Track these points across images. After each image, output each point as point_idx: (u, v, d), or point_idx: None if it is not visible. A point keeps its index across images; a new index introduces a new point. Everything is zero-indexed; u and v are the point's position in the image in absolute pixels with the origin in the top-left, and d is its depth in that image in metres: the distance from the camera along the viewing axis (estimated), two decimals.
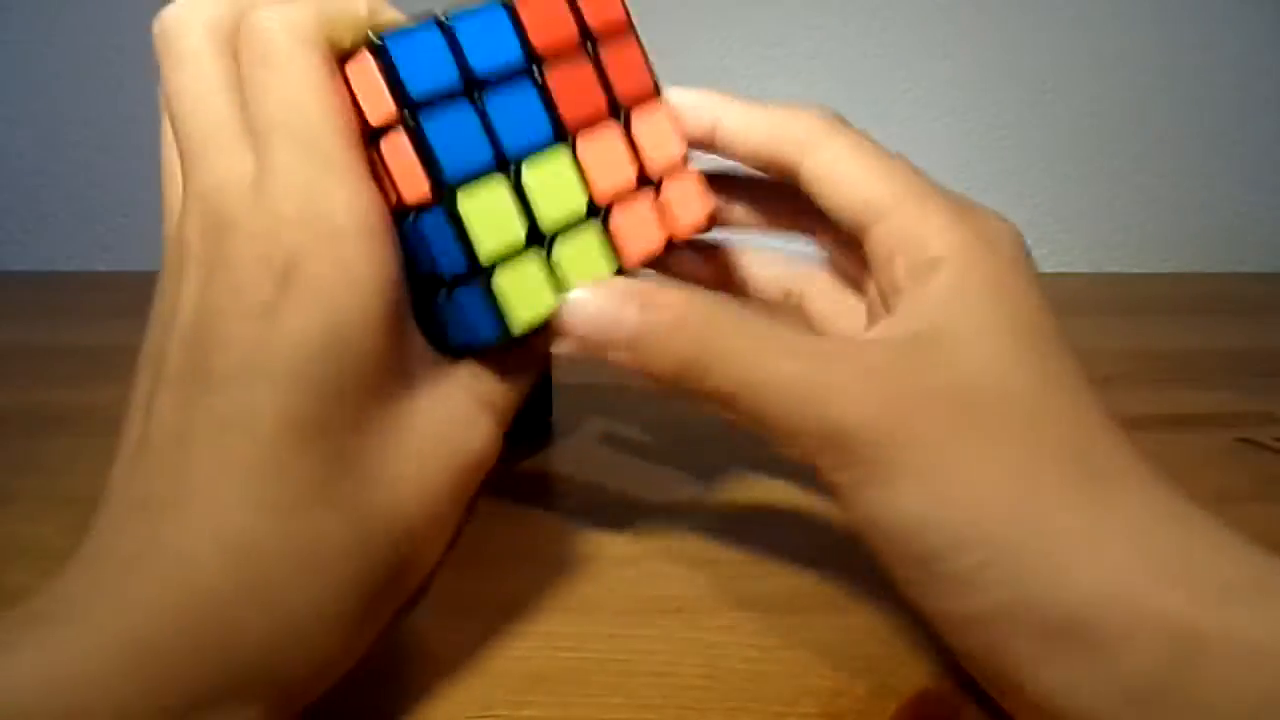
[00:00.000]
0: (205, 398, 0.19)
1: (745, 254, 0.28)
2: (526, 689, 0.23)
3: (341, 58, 0.21)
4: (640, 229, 0.24)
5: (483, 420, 0.22)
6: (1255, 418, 0.39)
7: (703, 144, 0.25)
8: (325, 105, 0.20)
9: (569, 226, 0.23)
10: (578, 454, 0.36)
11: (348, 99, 0.21)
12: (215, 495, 0.18)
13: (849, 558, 0.28)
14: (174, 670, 0.16)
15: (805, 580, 0.27)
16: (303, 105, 0.20)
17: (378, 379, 0.20)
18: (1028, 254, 0.22)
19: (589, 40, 0.24)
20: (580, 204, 0.23)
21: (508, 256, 0.22)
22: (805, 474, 0.32)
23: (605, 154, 0.24)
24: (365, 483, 0.19)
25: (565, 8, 0.23)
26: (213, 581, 0.17)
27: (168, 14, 0.21)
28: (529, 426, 0.37)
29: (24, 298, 0.57)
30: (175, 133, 0.21)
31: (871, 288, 0.24)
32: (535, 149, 0.23)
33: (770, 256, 0.28)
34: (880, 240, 0.22)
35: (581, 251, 0.23)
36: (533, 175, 0.22)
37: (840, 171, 0.23)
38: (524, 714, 0.22)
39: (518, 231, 0.22)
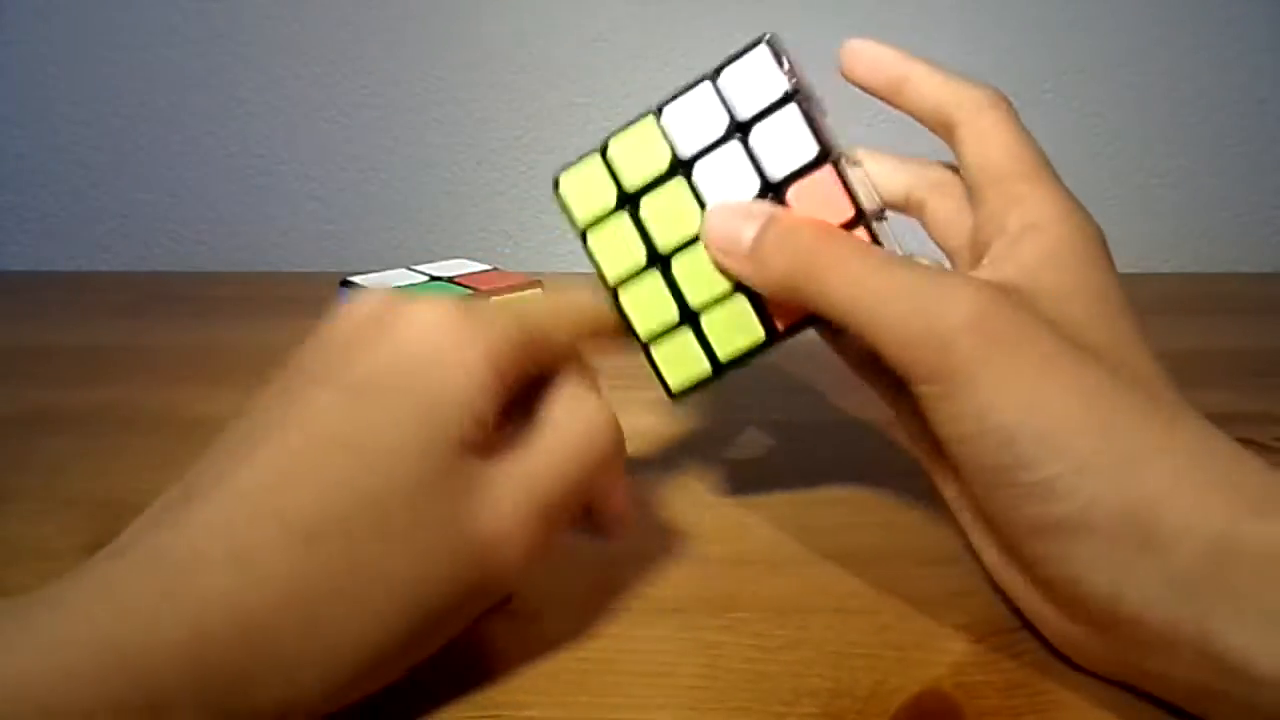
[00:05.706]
0: None
1: (872, 157, 0.30)
2: (526, 689, 0.23)
3: None
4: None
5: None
6: (1255, 418, 0.39)
7: (886, 95, 0.28)
8: None
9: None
10: None
11: None
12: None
13: (849, 558, 0.28)
14: (152, 680, 0.16)
15: (805, 580, 0.27)
16: None
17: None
18: (1108, 249, 0.25)
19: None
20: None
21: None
22: (805, 475, 0.32)
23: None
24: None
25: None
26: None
27: None
28: None
29: (24, 298, 0.57)
30: None
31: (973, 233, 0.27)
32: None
33: (896, 163, 0.30)
34: (1002, 195, 0.25)
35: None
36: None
37: (989, 136, 0.26)
38: (524, 714, 0.22)
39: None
